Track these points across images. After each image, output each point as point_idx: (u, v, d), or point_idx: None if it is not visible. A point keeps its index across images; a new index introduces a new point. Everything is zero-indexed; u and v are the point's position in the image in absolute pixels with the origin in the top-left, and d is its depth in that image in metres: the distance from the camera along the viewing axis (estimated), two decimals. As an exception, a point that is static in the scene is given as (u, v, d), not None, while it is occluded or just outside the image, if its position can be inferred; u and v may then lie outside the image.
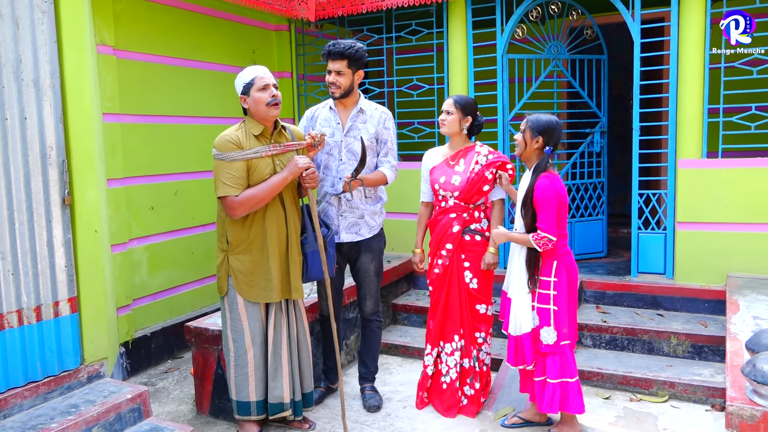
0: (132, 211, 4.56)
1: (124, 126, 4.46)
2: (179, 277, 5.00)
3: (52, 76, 3.10)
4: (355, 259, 3.76)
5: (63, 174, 3.15)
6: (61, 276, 3.17)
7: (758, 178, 4.39)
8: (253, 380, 3.32)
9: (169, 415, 3.82)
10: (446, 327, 3.72)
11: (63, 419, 2.91)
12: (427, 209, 3.85)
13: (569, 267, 3.23)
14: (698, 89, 4.54)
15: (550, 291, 3.19)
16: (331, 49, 3.50)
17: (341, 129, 3.62)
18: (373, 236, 3.73)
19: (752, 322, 3.41)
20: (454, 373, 3.71)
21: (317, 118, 3.70)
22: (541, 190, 3.12)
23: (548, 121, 3.20)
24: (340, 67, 3.50)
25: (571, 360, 3.25)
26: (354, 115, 3.63)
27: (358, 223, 3.67)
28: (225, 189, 3.10)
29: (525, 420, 3.52)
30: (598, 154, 5.79)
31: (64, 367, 3.21)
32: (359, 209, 3.65)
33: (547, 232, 3.10)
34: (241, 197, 3.10)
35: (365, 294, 3.83)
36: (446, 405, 3.72)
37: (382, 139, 3.67)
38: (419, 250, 3.86)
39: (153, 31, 4.71)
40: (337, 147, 3.62)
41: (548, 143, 3.20)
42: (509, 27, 5.15)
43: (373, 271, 3.78)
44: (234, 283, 3.25)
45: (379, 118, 3.65)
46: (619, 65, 7.70)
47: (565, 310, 3.18)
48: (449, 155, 3.69)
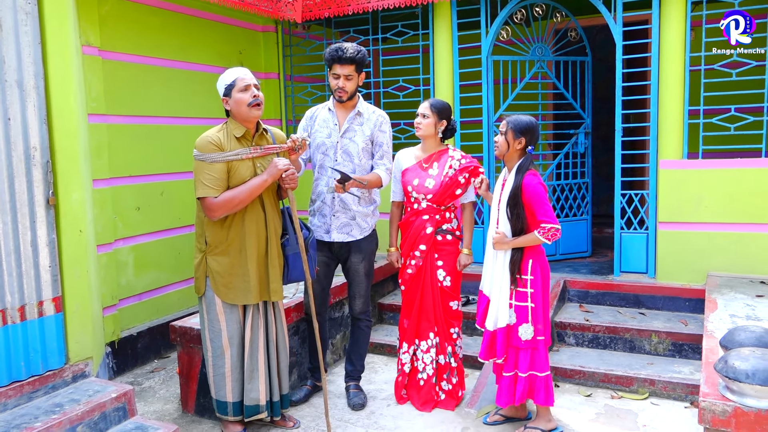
0: (118, 211, 4.57)
1: (110, 126, 4.47)
2: (165, 278, 5.02)
3: (36, 78, 3.11)
4: (345, 259, 3.81)
5: (47, 174, 3.17)
6: (46, 276, 3.19)
7: (738, 178, 4.46)
8: (230, 381, 3.33)
9: (154, 414, 3.83)
10: (421, 325, 3.80)
11: (47, 418, 2.92)
12: (398, 209, 3.91)
13: (543, 265, 3.31)
14: (679, 91, 4.61)
15: (527, 289, 3.25)
16: (340, 54, 3.51)
17: (338, 130, 3.67)
18: (364, 237, 3.76)
19: (729, 320, 3.47)
20: (430, 369, 3.79)
21: (316, 118, 3.74)
22: (532, 186, 3.19)
23: (529, 122, 3.27)
24: (349, 72, 3.55)
25: (545, 355, 3.33)
26: (351, 117, 3.67)
27: (350, 224, 3.71)
28: (204, 190, 3.11)
29: (506, 417, 3.58)
30: (583, 154, 5.86)
31: (48, 367, 3.22)
32: (351, 211, 3.69)
33: (551, 223, 3.16)
34: (220, 199, 3.12)
35: (355, 293, 3.87)
36: (423, 400, 3.80)
37: (377, 141, 3.71)
38: (394, 249, 3.92)
39: (139, 32, 4.72)
40: (333, 148, 3.66)
41: (530, 143, 3.27)
42: (494, 29, 5.20)
43: (363, 271, 3.82)
44: (212, 284, 3.27)
45: (375, 121, 3.70)
46: (604, 67, 7.78)
47: (540, 306, 3.27)
48: (422, 158, 3.75)
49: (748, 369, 2.41)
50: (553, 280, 4.91)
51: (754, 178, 4.42)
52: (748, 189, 4.43)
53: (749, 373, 2.40)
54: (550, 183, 5.75)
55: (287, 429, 3.57)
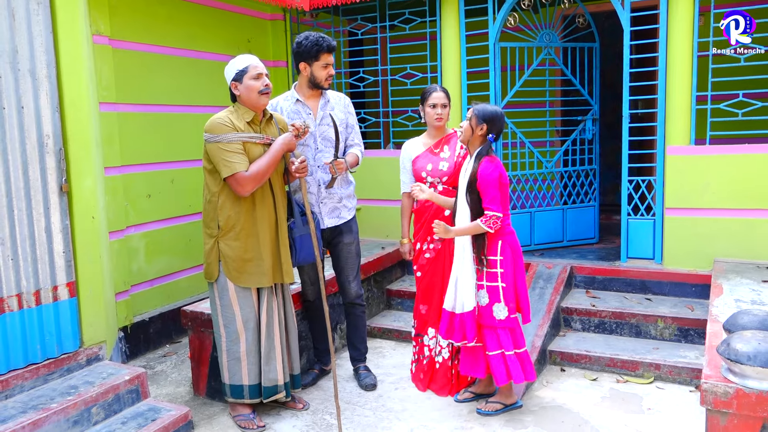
0: (129, 198, 4.63)
1: (120, 115, 4.52)
2: (176, 264, 5.09)
3: (48, 66, 3.17)
4: (336, 243, 3.87)
5: (60, 162, 3.23)
6: (60, 261, 3.26)
7: (745, 164, 4.46)
8: (245, 364, 3.39)
9: (166, 397, 3.91)
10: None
11: (63, 399, 3.00)
12: (409, 199, 3.95)
13: (513, 246, 3.40)
14: (687, 77, 4.60)
15: (497, 269, 3.34)
16: (327, 43, 3.62)
17: (313, 119, 3.74)
18: (352, 218, 3.90)
19: (734, 304, 3.49)
20: (446, 352, 3.84)
21: (282, 112, 3.76)
22: (484, 173, 3.27)
23: (494, 111, 3.37)
24: (332, 60, 3.68)
25: (521, 332, 3.46)
26: (323, 104, 3.77)
27: (338, 208, 3.81)
28: (232, 166, 3.14)
29: (475, 393, 3.70)
30: (590, 141, 5.86)
31: (63, 350, 3.30)
32: (337, 194, 3.79)
33: (494, 211, 3.25)
34: (251, 172, 3.16)
35: (348, 276, 3.92)
36: (440, 384, 3.85)
37: (349, 123, 3.85)
38: (407, 240, 3.96)
39: (149, 21, 4.76)
40: (312, 136, 3.73)
41: (491, 131, 3.35)
42: (501, 15, 5.20)
43: (355, 251, 3.92)
44: (224, 269, 3.32)
45: (344, 104, 3.85)
46: (610, 54, 7.74)
47: (512, 286, 3.36)
48: (431, 144, 3.82)
49: (749, 351, 2.44)
50: (560, 266, 4.94)
51: (761, 164, 4.41)
52: (755, 175, 4.42)
53: (751, 355, 2.43)
54: (557, 170, 5.77)
55: (297, 410, 3.64)
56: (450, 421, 3.51)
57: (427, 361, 3.92)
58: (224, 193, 3.27)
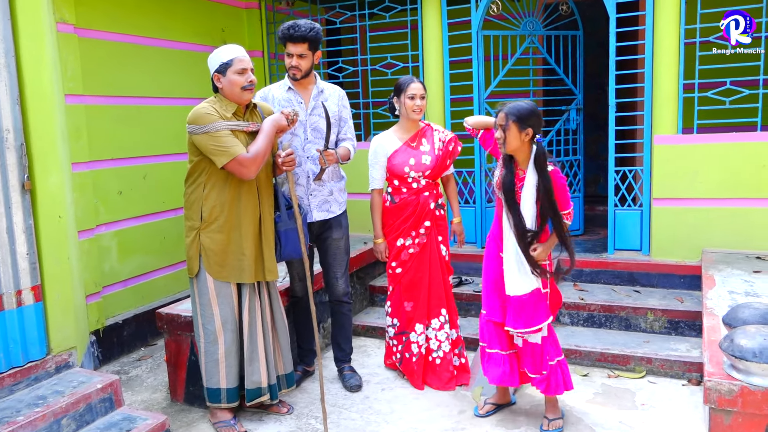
0: (99, 195, 4.42)
1: (88, 107, 4.30)
2: (151, 263, 4.89)
3: (7, 56, 2.94)
4: (325, 238, 3.73)
5: (22, 158, 3.02)
6: (23, 264, 3.05)
7: (733, 153, 4.40)
8: (223, 367, 3.25)
9: (142, 404, 3.73)
10: (432, 303, 3.80)
11: (30, 411, 2.81)
12: (380, 196, 3.82)
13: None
14: (673, 65, 4.52)
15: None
16: (292, 33, 3.43)
17: (305, 108, 3.59)
18: (342, 212, 3.77)
19: (728, 296, 3.42)
20: (446, 346, 3.78)
21: (273, 100, 3.63)
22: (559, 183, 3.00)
23: (530, 109, 2.95)
24: (302, 50, 3.48)
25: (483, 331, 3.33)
26: (316, 94, 3.63)
27: (328, 201, 3.69)
28: (231, 150, 2.99)
29: (497, 404, 3.49)
30: (574, 131, 5.77)
31: (29, 358, 3.10)
32: (327, 186, 3.67)
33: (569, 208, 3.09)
34: (252, 152, 3.02)
35: (336, 273, 3.79)
36: (442, 379, 3.77)
37: (343, 117, 3.72)
38: (382, 240, 3.82)
39: (117, 9, 4.54)
40: (302, 126, 3.59)
41: (537, 132, 2.99)
42: (484, 3, 5.07)
43: (344, 247, 3.79)
44: (205, 262, 3.17)
45: (338, 97, 3.71)
46: (593, 42, 7.65)
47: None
48: (406, 138, 3.73)
49: (755, 347, 2.35)
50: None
51: (749, 153, 4.36)
52: (743, 163, 4.37)
53: (756, 351, 2.34)
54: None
55: (281, 415, 3.49)
56: (440, 421, 3.39)
57: (417, 358, 3.80)
58: (210, 182, 3.14)
